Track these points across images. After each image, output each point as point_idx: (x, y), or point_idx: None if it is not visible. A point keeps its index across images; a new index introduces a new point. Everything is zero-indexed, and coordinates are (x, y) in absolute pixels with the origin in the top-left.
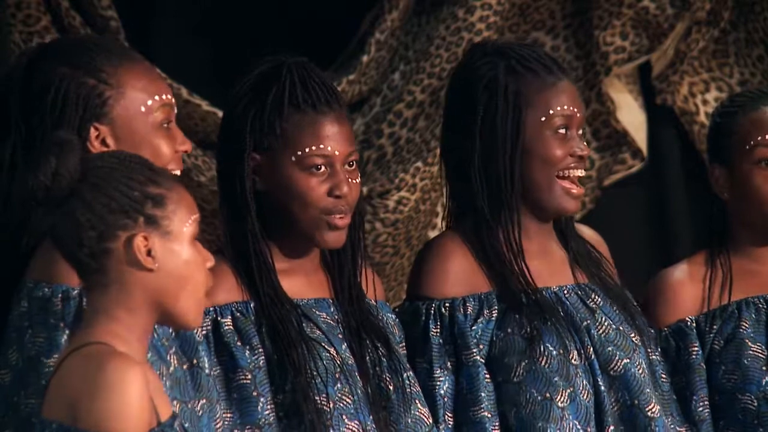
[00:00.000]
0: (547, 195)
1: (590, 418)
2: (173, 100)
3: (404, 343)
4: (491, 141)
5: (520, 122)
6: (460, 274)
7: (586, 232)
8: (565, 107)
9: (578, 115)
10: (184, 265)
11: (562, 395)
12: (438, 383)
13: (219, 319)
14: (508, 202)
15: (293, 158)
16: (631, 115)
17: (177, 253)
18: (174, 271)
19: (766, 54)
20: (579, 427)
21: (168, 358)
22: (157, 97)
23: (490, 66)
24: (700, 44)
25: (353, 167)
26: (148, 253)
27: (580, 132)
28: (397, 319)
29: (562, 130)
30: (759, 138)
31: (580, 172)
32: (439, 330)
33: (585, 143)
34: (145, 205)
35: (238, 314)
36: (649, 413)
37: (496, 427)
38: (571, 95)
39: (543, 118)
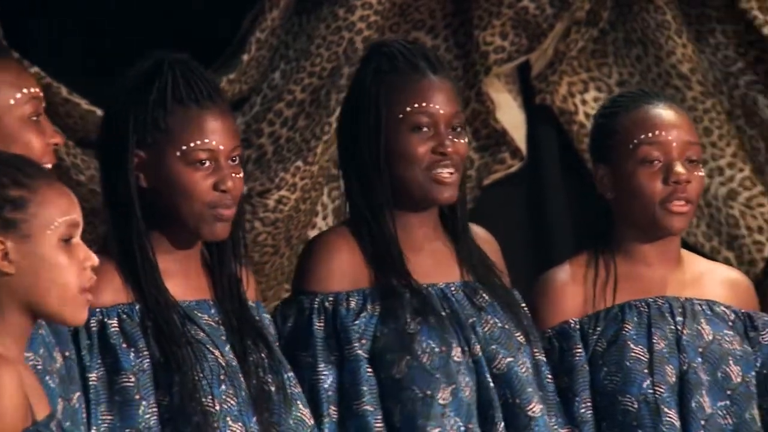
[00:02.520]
0: (417, 190)
1: (472, 415)
2: (41, 93)
3: (278, 343)
4: (360, 141)
5: (380, 122)
6: (344, 269)
7: (478, 231)
8: (430, 105)
9: (441, 112)
10: (47, 267)
11: (443, 392)
12: (322, 377)
13: (105, 320)
14: (381, 200)
15: (178, 153)
16: (510, 115)
17: (38, 256)
18: (36, 274)
19: (644, 54)
20: (461, 423)
21: (55, 354)
22: (25, 90)
23: (363, 67)
24: (579, 44)
25: (236, 162)
26: (5, 256)
27: (455, 128)
28: (271, 320)
29: (425, 128)
30: (642, 137)
31: (449, 169)
32: (323, 324)
33: (460, 140)
34: (2, 209)
35: (124, 316)
36: (529, 412)
37: (379, 421)
38: (436, 92)
39: (401, 116)
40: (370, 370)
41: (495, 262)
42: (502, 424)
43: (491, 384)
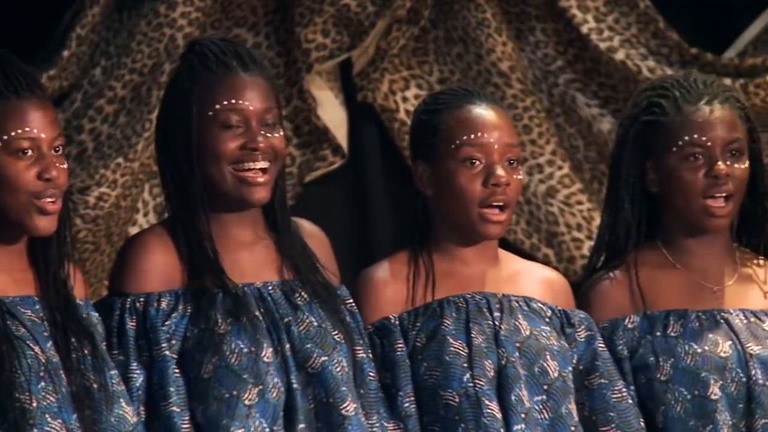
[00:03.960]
0: (227, 188)
1: (278, 416)
2: None
3: (106, 342)
4: (174, 139)
5: (191, 119)
6: (158, 269)
7: (306, 226)
8: (240, 101)
9: (252, 108)
10: None
11: (250, 393)
12: (134, 376)
13: None
14: (194, 199)
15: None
16: (332, 113)
17: None
18: None
19: (464, 52)
20: (265, 425)
21: None
22: None
23: (179, 65)
24: (401, 42)
25: (59, 153)
26: None
27: (268, 124)
28: (101, 318)
29: (235, 125)
30: (464, 137)
31: (261, 164)
32: (135, 324)
33: (274, 134)
34: None
35: None
36: (343, 411)
37: (186, 422)
38: (247, 89)
39: (210, 113)
40: (177, 371)
41: (323, 257)
42: (302, 425)
43: (294, 386)
